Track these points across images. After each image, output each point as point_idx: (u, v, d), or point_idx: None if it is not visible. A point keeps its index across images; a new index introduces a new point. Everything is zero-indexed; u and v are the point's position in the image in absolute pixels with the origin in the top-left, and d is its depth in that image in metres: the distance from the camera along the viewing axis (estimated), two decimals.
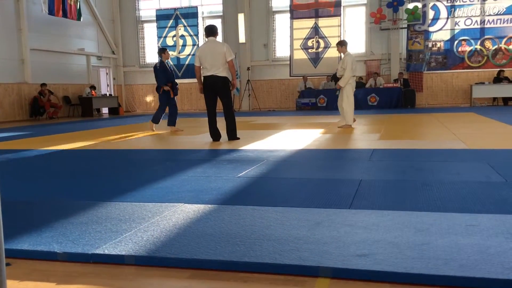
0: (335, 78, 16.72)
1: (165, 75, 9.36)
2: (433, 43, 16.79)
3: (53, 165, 5.48)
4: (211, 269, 2.05)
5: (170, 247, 2.26)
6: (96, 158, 5.95)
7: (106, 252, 2.23)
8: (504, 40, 16.25)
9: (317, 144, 6.57)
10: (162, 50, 9.58)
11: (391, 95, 15.90)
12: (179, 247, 2.26)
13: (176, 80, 9.75)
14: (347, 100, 8.81)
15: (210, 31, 7.18)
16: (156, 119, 9.60)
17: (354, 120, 8.98)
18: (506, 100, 15.96)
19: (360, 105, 15.98)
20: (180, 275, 2.03)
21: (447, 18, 16.60)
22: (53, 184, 4.16)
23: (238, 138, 7.18)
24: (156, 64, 9.49)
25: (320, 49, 17.62)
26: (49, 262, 2.23)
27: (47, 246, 2.35)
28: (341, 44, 8.99)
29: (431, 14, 16.70)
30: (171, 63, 18.85)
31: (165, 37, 19.06)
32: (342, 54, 9.06)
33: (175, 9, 18.87)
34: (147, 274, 2.05)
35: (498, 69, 16.11)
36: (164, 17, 19.03)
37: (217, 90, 7.02)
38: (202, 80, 7.10)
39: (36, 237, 2.49)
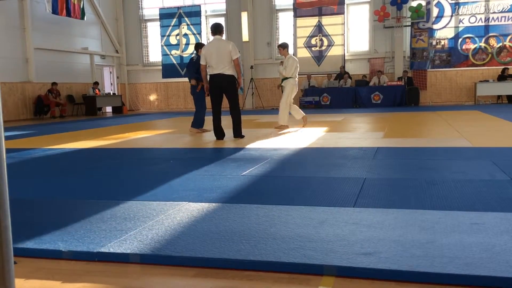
0: (339, 76, 16.79)
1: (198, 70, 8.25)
2: (437, 40, 16.73)
3: (58, 164, 5.49)
4: (216, 268, 2.05)
5: (175, 246, 2.26)
6: (100, 157, 5.96)
7: (111, 250, 2.24)
8: (509, 37, 16.17)
9: (321, 142, 6.56)
10: (200, 46, 8.43)
11: (395, 93, 15.86)
12: (184, 245, 2.26)
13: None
14: (285, 99, 8.63)
15: (216, 29, 7.17)
16: (201, 123, 8.57)
17: (281, 127, 8.64)
18: (510, 98, 15.88)
19: (364, 103, 15.98)
20: (185, 273, 2.03)
21: (451, 15, 16.53)
22: (57, 183, 4.17)
23: (243, 136, 7.19)
24: (193, 56, 8.51)
25: (323, 47, 17.59)
26: (55, 261, 2.24)
27: (52, 244, 2.36)
28: (283, 47, 8.71)
29: (435, 11, 16.64)
30: (174, 61, 18.91)
31: (169, 35, 19.07)
32: (284, 56, 8.72)
33: (178, 8, 18.87)
34: (152, 273, 2.05)
35: (503, 67, 16.04)
36: (167, 15, 19.04)
37: (223, 88, 7.03)
38: (208, 79, 7.11)
39: (41, 236, 2.50)
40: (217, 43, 7.04)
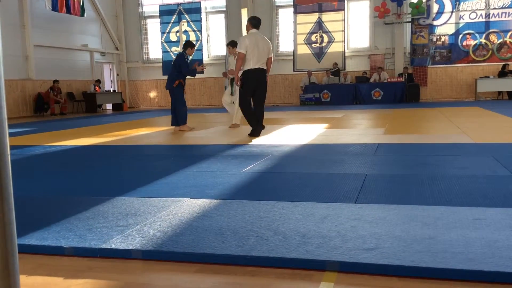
0: (335, 73, 16.76)
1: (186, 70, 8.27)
2: (438, 37, 16.70)
3: (59, 161, 5.49)
4: (218, 263, 2.05)
5: (177, 242, 2.26)
6: (101, 154, 5.96)
7: (113, 246, 2.24)
8: (509, 33, 16.14)
9: (321, 139, 6.56)
10: (191, 45, 8.43)
11: (395, 89, 15.86)
12: (186, 241, 2.26)
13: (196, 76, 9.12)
14: (238, 99, 8.61)
15: (258, 23, 7.04)
16: (185, 119, 8.43)
17: (235, 125, 8.66)
18: (511, 94, 15.87)
19: (364, 100, 15.98)
20: (187, 269, 2.03)
21: (452, 11, 16.50)
22: (58, 180, 4.17)
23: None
24: (178, 54, 8.37)
25: (323, 44, 17.56)
26: (56, 257, 2.24)
27: (54, 241, 2.35)
28: (233, 45, 8.54)
29: (435, 8, 16.60)
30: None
31: (169, 32, 19.05)
32: (233, 55, 8.57)
33: (178, 5, 18.83)
34: (154, 269, 2.05)
35: (503, 63, 16.02)
36: (167, 12, 19.01)
37: (261, 83, 6.97)
38: (247, 72, 6.89)
39: (43, 232, 2.50)
40: (260, 38, 6.96)
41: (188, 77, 8.51)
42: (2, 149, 0.93)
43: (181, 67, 8.17)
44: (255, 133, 6.98)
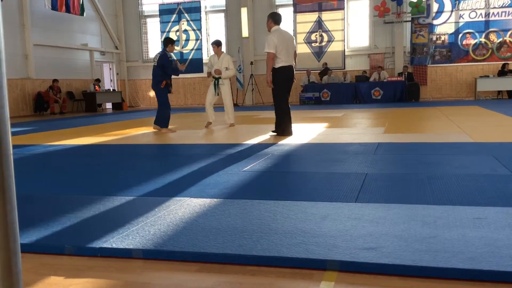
0: (322, 73, 16.68)
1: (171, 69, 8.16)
2: (438, 36, 16.70)
3: (59, 160, 5.49)
4: (219, 263, 2.05)
5: (177, 241, 2.26)
6: (101, 153, 5.96)
7: (114, 245, 2.24)
8: (509, 33, 16.14)
9: (321, 138, 6.56)
10: (171, 41, 8.32)
11: (395, 88, 15.85)
12: (186, 240, 2.26)
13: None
14: (229, 98, 8.64)
15: (280, 18, 6.88)
16: (167, 121, 8.29)
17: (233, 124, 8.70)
18: (510, 93, 15.87)
19: (364, 99, 15.98)
20: (188, 268, 2.03)
21: (452, 11, 16.49)
22: (59, 179, 4.17)
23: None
24: (161, 54, 8.09)
25: (323, 43, 17.56)
26: (57, 256, 2.24)
27: (55, 240, 2.36)
28: (218, 45, 8.48)
29: (435, 7, 16.60)
30: (174, 58, 18.88)
31: (168, 32, 19.02)
32: (217, 54, 8.53)
33: (178, 4, 18.82)
34: (154, 268, 2.05)
35: (503, 62, 16.01)
36: (167, 11, 18.99)
37: (291, 80, 6.85)
38: (280, 70, 6.71)
39: (43, 231, 2.50)
40: (286, 34, 6.80)
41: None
42: (4, 149, 0.93)
43: (165, 67, 7.94)
44: (290, 133, 6.82)
